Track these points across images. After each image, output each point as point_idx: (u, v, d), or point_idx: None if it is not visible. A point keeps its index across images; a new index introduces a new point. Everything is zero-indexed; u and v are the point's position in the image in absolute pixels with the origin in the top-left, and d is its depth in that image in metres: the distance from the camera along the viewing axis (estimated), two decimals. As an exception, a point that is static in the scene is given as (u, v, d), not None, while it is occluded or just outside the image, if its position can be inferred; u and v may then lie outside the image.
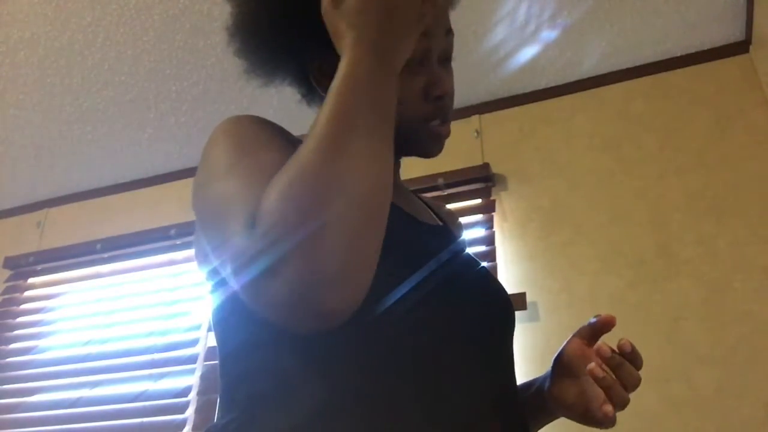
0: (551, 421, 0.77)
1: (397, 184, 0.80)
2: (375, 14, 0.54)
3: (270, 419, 0.57)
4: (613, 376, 0.65)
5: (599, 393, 0.65)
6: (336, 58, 0.57)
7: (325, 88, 0.71)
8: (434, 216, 0.83)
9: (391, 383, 0.57)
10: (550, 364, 0.74)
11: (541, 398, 0.74)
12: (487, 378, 0.64)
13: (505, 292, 0.76)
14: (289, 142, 0.62)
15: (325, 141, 0.50)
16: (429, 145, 0.73)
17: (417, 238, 0.71)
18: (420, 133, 0.71)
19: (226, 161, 0.59)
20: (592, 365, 0.64)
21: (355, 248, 0.48)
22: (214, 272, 0.65)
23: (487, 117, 2.14)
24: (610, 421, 0.65)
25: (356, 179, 0.49)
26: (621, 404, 0.65)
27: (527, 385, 0.79)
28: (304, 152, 0.50)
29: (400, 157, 0.79)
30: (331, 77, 0.62)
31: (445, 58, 0.74)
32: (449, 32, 0.73)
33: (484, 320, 0.68)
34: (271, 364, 0.59)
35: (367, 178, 0.50)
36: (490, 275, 0.76)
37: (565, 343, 0.73)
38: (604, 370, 0.64)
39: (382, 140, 0.53)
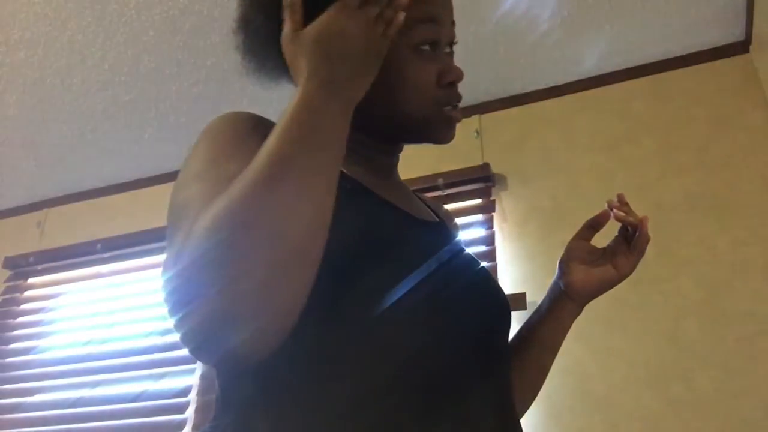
0: (566, 327, 0.83)
1: (395, 182, 0.80)
2: (331, 48, 0.54)
3: (266, 423, 0.56)
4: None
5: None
6: None
7: None
8: (432, 213, 0.83)
9: (391, 386, 0.57)
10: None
11: (558, 301, 0.82)
12: (487, 379, 0.64)
13: (503, 293, 0.76)
14: None
15: (260, 176, 0.49)
16: (442, 129, 0.73)
17: (414, 235, 0.71)
18: (433, 117, 0.72)
19: (196, 168, 0.59)
20: (615, 211, 0.79)
21: (272, 294, 0.47)
22: None
23: (487, 117, 2.14)
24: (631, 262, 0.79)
25: (285, 221, 0.48)
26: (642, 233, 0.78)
27: (535, 314, 0.85)
28: (238, 185, 0.49)
29: (400, 149, 0.79)
30: None
31: (449, 47, 0.76)
32: (453, 23, 0.75)
33: (484, 321, 0.68)
34: (269, 365, 0.59)
35: (298, 221, 0.49)
36: (489, 275, 0.76)
37: (567, 247, 0.84)
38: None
39: (321, 182, 0.52)
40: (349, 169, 0.69)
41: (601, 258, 0.82)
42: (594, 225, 0.83)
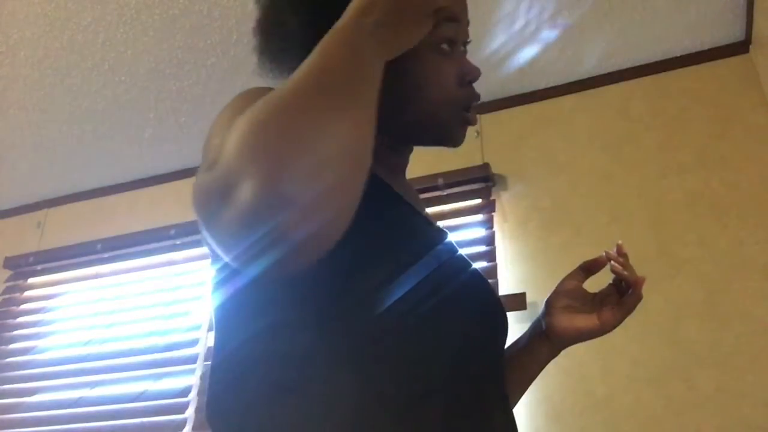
0: (541, 364, 0.82)
1: (407, 182, 0.80)
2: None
3: (268, 421, 0.56)
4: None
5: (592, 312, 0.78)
6: None
7: None
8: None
9: (399, 383, 0.57)
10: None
11: (536, 339, 0.80)
12: (496, 382, 0.64)
13: (498, 296, 0.76)
14: None
15: (304, 83, 0.46)
16: (458, 132, 0.74)
17: (432, 241, 0.70)
18: (453, 120, 0.72)
19: (222, 125, 0.55)
20: (612, 262, 0.78)
21: (320, 181, 0.42)
22: (224, 267, 0.64)
23: (487, 117, 2.14)
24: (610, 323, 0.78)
25: (327, 131, 0.44)
26: (636, 290, 0.77)
27: (514, 345, 0.83)
28: (276, 93, 0.45)
29: (411, 150, 0.78)
30: None
31: (464, 46, 0.76)
32: (468, 23, 0.75)
33: (491, 325, 0.68)
34: (270, 365, 0.58)
35: (342, 134, 0.44)
36: (484, 278, 0.76)
37: (557, 285, 0.81)
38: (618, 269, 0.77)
39: (361, 106, 0.47)
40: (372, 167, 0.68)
41: (589, 304, 0.80)
42: (589, 268, 0.81)
